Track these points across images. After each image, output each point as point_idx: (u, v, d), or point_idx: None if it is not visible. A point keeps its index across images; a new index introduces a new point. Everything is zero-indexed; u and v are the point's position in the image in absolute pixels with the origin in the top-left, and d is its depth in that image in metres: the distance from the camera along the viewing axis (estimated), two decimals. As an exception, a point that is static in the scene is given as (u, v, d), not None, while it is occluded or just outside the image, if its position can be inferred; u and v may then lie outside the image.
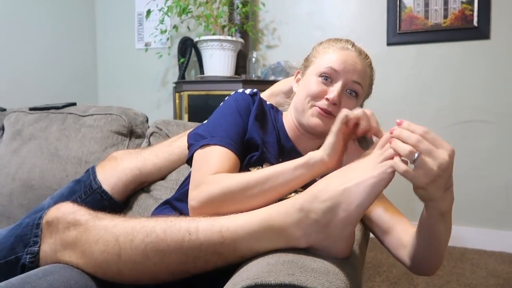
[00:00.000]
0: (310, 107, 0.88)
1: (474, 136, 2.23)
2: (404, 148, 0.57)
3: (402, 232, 0.81)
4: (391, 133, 0.60)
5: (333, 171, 0.69)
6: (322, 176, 0.66)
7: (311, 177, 0.71)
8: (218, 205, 0.72)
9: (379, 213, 0.87)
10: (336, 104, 0.86)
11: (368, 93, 0.96)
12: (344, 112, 0.70)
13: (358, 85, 0.88)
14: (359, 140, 0.75)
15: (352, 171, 0.61)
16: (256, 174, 0.73)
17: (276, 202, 0.71)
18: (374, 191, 0.58)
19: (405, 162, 0.57)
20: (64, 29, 2.77)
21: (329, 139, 0.70)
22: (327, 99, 0.86)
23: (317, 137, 0.92)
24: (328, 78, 0.87)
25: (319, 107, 0.87)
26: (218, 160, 0.78)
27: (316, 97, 0.87)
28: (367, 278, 1.81)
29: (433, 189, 0.58)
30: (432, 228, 0.67)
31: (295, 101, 0.93)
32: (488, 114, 2.20)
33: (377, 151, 0.62)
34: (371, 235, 0.95)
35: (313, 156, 0.71)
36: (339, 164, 0.71)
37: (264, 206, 0.71)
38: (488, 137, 2.20)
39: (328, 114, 0.87)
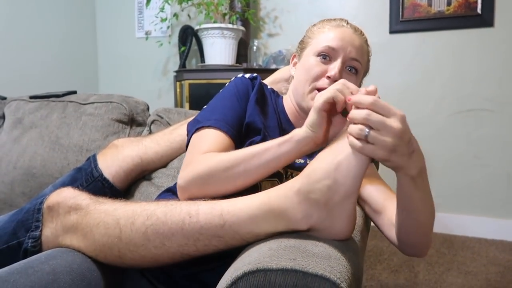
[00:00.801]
0: (310, 90, 0.88)
1: (476, 125, 2.22)
2: (354, 129, 0.57)
3: (393, 211, 0.77)
4: (349, 98, 0.60)
5: (322, 145, 0.69)
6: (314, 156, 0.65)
7: (299, 153, 0.70)
8: (202, 183, 0.73)
9: (370, 192, 0.85)
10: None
11: (366, 70, 0.95)
12: (329, 92, 0.65)
13: (357, 62, 0.88)
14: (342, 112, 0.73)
15: (340, 144, 0.61)
16: (241, 152, 0.73)
17: (262, 180, 0.72)
18: (365, 158, 0.58)
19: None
20: (64, 18, 2.75)
21: (312, 117, 0.67)
22: (328, 77, 0.85)
23: None
24: (326, 56, 0.87)
25: (319, 89, 0.86)
26: (210, 141, 0.79)
27: (316, 77, 0.87)
28: (368, 266, 1.82)
29: (396, 158, 0.57)
30: (407, 197, 0.65)
31: (295, 85, 0.93)
32: (490, 103, 2.19)
33: None
34: (372, 224, 0.94)
35: (297, 133, 0.70)
36: (326, 138, 0.69)
37: (250, 185, 0.72)
38: (491, 126, 2.19)
39: None
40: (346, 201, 0.59)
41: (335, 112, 0.67)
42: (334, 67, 0.85)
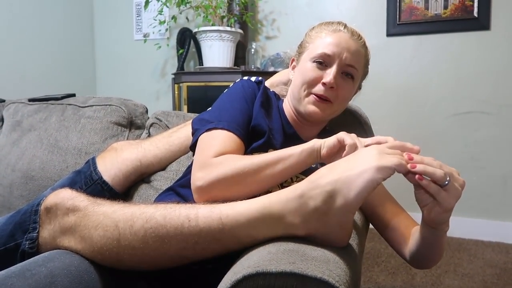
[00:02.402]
0: (307, 95, 0.89)
1: (473, 127, 2.23)
2: (438, 172, 0.59)
3: (404, 229, 0.84)
4: (410, 158, 0.61)
5: (322, 162, 0.73)
6: (321, 166, 0.67)
7: (312, 161, 0.74)
8: (228, 185, 0.72)
9: (381, 208, 0.90)
10: (333, 88, 0.86)
11: (365, 73, 0.96)
12: (352, 138, 0.72)
13: (352, 68, 0.88)
14: None
15: (355, 159, 0.62)
16: (267, 156, 0.74)
17: (280, 184, 0.74)
18: (374, 181, 0.58)
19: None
20: (62, 20, 2.75)
21: (331, 140, 0.73)
22: (323, 83, 0.86)
23: (316, 124, 0.93)
24: (322, 62, 0.88)
25: (315, 94, 0.87)
26: (224, 143, 0.79)
27: (312, 83, 0.88)
28: (366, 268, 1.82)
29: (451, 210, 0.63)
30: (437, 243, 0.73)
31: (292, 89, 0.94)
32: (487, 105, 2.20)
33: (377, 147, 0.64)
34: (371, 225, 0.96)
35: (316, 142, 0.74)
36: (329, 160, 0.73)
37: (269, 188, 0.73)
38: (488, 128, 2.21)
39: (325, 100, 0.87)
40: (345, 214, 0.60)
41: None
42: (329, 74, 0.86)
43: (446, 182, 0.59)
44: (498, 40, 2.16)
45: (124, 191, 1.09)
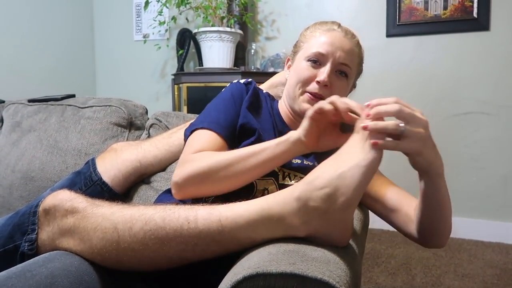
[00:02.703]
0: (301, 93, 0.90)
1: (473, 128, 2.23)
2: (389, 124, 0.59)
3: (409, 208, 0.83)
4: (368, 114, 0.61)
5: (312, 149, 0.74)
6: (312, 160, 0.67)
7: (293, 154, 0.75)
8: (200, 181, 0.75)
9: (382, 192, 0.89)
10: (327, 86, 0.87)
11: (359, 71, 0.97)
12: (319, 103, 0.72)
13: (346, 66, 0.89)
14: (342, 126, 0.78)
15: (343, 155, 0.62)
16: (238, 151, 0.76)
17: (258, 179, 0.75)
18: (369, 172, 0.59)
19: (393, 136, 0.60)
20: (62, 21, 2.75)
21: (304, 123, 0.74)
22: (317, 82, 0.87)
23: None
24: (316, 61, 0.89)
25: (310, 93, 0.88)
26: (203, 141, 0.82)
27: (306, 82, 0.89)
28: (366, 268, 1.82)
29: (428, 151, 0.62)
30: (436, 194, 0.70)
31: (287, 88, 0.95)
32: (487, 106, 2.20)
33: (358, 133, 0.63)
34: (370, 226, 0.96)
35: (292, 134, 0.75)
36: (315, 143, 0.75)
37: (246, 184, 0.74)
38: (488, 128, 2.21)
39: (319, 98, 0.88)
40: (345, 211, 0.60)
41: (329, 123, 0.74)
42: (323, 72, 0.87)
43: (402, 130, 0.59)
44: (497, 40, 2.16)
45: (123, 192, 1.09)
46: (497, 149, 2.19)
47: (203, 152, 0.79)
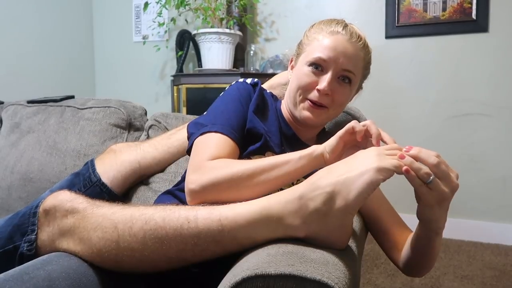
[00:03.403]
0: (302, 100, 0.88)
1: (472, 129, 2.24)
2: (423, 169, 0.59)
3: (398, 235, 0.84)
4: (407, 150, 0.61)
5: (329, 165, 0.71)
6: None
7: (312, 168, 0.73)
8: (221, 190, 0.71)
9: (377, 211, 0.90)
10: (328, 94, 0.85)
11: (365, 74, 0.95)
12: (352, 123, 0.72)
13: (349, 73, 0.87)
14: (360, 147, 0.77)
15: (354, 161, 0.62)
16: (262, 161, 0.73)
17: (277, 191, 0.71)
18: (373, 184, 0.58)
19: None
20: (61, 22, 2.75)
21: (332, 141, 0.72)
22: (318, 90, 0.85)
23: (312, 127, 0.93)
24: (318, 67, 0.86)
25: (310, 100, 0.87)
26: (218, 146, 0.78)
27: (307, 89, 0.87)
28: (365, 270, 1.82)
29: (439, 210, 0.62)
30: (429, 244, 0.71)
31: (288, 92, 0.93)
32: (486, 107, 2.21)
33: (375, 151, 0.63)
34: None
35: (316, 149, 0.72)
36: (335, 162, 0.72)
37: (265, 194, 0.71)
38: (487, 130, 2.21)
39: (320, 106, 0.87)
40: (345, 215, 0.59)
41: (352, 144, 0.74)
42: (324, 80, 0.85)
43: (429, 180, 0.59)
44: (496, 42, 2.17)
45: (123, 193, 1.09)
46: (496, 151, 2.20)
47: (222, 159, 0.75)
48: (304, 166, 0.72)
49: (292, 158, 0.72)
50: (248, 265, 0.55)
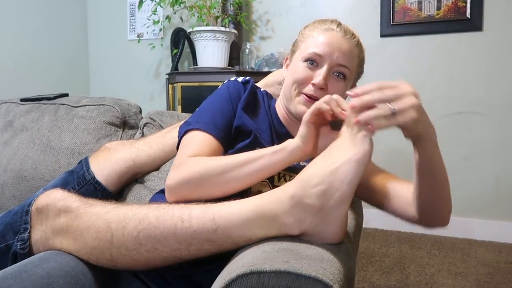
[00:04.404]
0: (297, 94, 0.88)
1: (466, 128, 2.25)
2: (380, 111, 0.59)
3: (406, 192, 0.82)
4: (353, 107, 0.61)
5: (312, 155, 0.72)
6: (309, 162, 0.67)
7: (290, 162, 0.74)
8: (193, 186, 0.74)
9: (378, 182, 0.88)
10: (323, 89, 0.86)
11: (359, 73, 0.95)
12: (315, 104, 0.71)
13: (344, 68, 0.87)
14: (330, 123, 0.76)
15: (335, 151, 0.62)
16: (233, 158, 0.74)
17: (254, 185, 0.74)
18: (361, 165, 0.59)
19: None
20: (55, 20, 2.74)
21: (302, 129, 0.72)
22: (313, 84, 0.86)
23: None
24: (313, 62, 0.87)
25: (305, 94, 0.87)
26: (199, 144, 0.80)
27: (302, 83, 0.87)
28: (360, 267, 1.83)
29: (423, 117, 0.62)
30: (430, 163, 0.70)
31: (284, 88, 0.94)
32: (480, 106, 2.22)
33: (348, 127, 0.63)
34: (363, 225, 0.96)
35: (290, 143, 0.73)
36: (315, 148, 0.74)
37: (241, 190, 0.73)
38: (480, 128, 2.23)
39: (315, 100, 0.87)
40: (340, 206, 0.60)
41: (324, 123, 0.73)
42: (319, 74, 0.85)
43: (393, 110, 0.59)
44: (490, 41, 2.18)
45: (117, 191, 1.08)
46: (490, 149, 2.21)
47: (198, 157, 0.77)
48: (281, 161, 0.73)
49: (266, 153, 0.73)
50: (243, 262, 0.55)
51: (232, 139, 0.87)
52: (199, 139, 0.81)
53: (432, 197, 0.75)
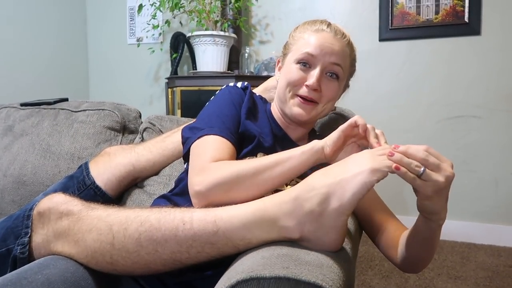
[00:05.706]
0: (292, 97, 0.89)
1: (464, 131, 2.26)
2: (412, 163, 0.59)
3: (394, 232, 0.84)
4: (395, 147, 0.61)
5: (326, 161, 0.72)
6: (319, 167, 0.67)
7: (312, 163, 0.74)
8: (226, 189, 0.71)
9: (372, 211, 0.90)
10: (317, 90, 0.86)
11: (351, 72, 0.96)
12: (355, 118, 0.73)
13: (337, 67, 0.87)
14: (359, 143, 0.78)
15: (351, 163, 0.62)
16: (265, 159, 0.74)
17: (280, 188, 0.73)
18: (368, 185, 0.58)
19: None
20: (55, 24, 2.74)
21: (333, 134, 0.73)
22: (307, 85, 0.86)
23: (303, 124, 0.93)
24: (306, 64, 0.87)
25: (300, 96, 0.87)
26: (219, 149, 0.78)
27: (295, 85, 0.88)
28: (360, 271, 1.83)
29: (438, 200, 0.62)
30: (431, 238, 0.71)
31: (277, 91, 0.94)
32: (478, 110, 2.23)
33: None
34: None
35: (316, 143, 0.73)
36: (334, 156, 0.74)
37: (270, 192, 0.72)
38: (479, 132, 2.23)
39: (310, 102, 0.88)
40: (339, 216, 0.60)
41: (354, 140, 0.75)
42: (312, 75, 0.86)
43: (421, 172, 0.59)
44: (488, 45, 2.19)
45: (117, 196, 1.08)
46: (488, 153, 2.22)
47: (223, 161, 0.76)
48: (306, 161, 0.73)
49: (294, 154, 0.73)
50: (243, 268, 0.55)
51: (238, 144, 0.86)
52: (217, 144, 0.79)
53: (417, 257, 0.78)
